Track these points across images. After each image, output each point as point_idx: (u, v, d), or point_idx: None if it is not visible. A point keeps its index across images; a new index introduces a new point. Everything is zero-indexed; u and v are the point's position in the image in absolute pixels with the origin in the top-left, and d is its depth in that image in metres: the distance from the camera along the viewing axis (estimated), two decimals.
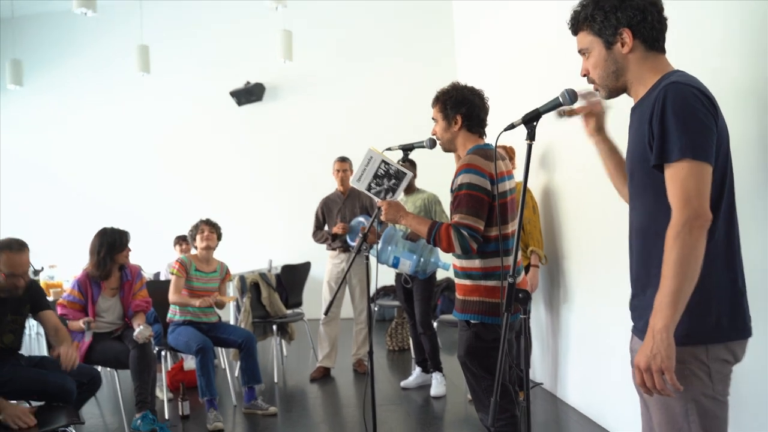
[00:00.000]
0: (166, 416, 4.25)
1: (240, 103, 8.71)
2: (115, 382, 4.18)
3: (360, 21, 8.66)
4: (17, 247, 3.14)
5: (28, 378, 3.17)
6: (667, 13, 1.70)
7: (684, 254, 1.45)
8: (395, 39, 8.57)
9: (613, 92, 1.75)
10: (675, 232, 1.47)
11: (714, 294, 1.55)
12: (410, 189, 4.72)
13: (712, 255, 1.52)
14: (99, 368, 4.00)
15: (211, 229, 4.51)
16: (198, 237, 4.52)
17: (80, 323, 3.88)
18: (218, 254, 4.67)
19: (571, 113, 1.92)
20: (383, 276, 4.80)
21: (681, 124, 1.49)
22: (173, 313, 4.43)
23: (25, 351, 3.51)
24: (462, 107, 2.62)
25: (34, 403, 3.21)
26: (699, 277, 1.48)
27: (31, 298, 3.35)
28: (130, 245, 4.11)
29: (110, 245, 4.00)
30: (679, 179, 1.49)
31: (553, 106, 1.82)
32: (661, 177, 1.54)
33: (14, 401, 3.18)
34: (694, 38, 2.49)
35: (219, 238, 4.60)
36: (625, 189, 1.83)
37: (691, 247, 1.46)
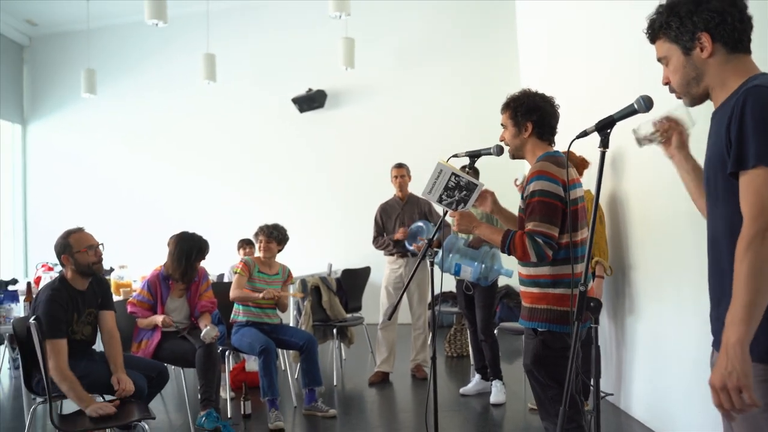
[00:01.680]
0: (229, 415, 4.35)
1: (302, 110, 8.87)
2: (181, 380, 4.31)
3: (420, 27, 8.70)
4: (77, 228, 3.40)
5: (102, 373, 3.29)
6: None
7: (757, 266, 1.39)
8: (456, 44, 8.57)
9: (696, 99, 1.69)
10: (747, 242, 1.41)
11: None
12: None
13: None
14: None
15: (268, 238, 4.56)
16: (257, 244, 4.62)
17: (156, 321, 4.02)
18: (280, 257, 4.76)
19: (652, 140, 1.86)
20: (442, 282, 4.80)
21: (760, 129, 1.43)
22: (236, 314, 4.53)
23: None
24: (533, 114, 2.60)
25: (108, 397, 3.34)
26: None
27: (102, 294, 3.48)
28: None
29: (196, 251, 4.19)
30: (754, 187, 1.43)
31: (628, 113, 1.79)
32: (738, 185, 1.48)
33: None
34: None
35: (282, 242, 4.63)
36: (700, 201, 1.78)
37: (764, 258, 1.39)
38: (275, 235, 4.59)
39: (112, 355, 3.35)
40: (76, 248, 3.27)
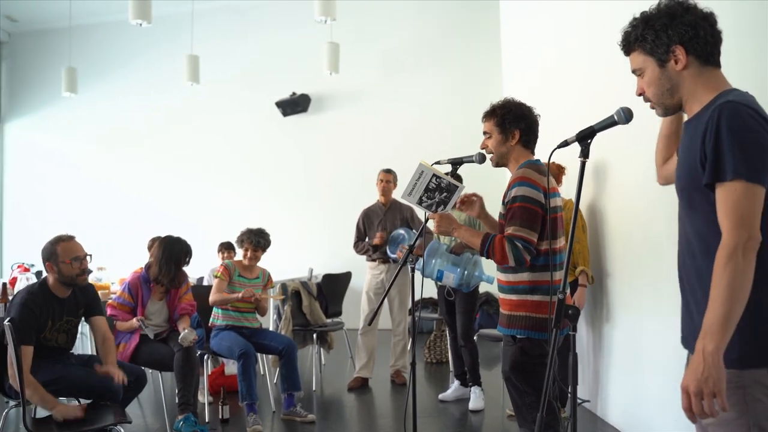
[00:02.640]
0: (207, 419, 4.32)
1: (285, 113, 8.86)
2: (158, 383, 4.27)
3: (405, 33, 8.73)
4: (67, 237, 3.34)
5: (77, 376, 3.26)
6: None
7: (736, 277, 1.44)
8: (440, 52, 8.62)
9: (669, 109, 1.73)
10: (727, 254, 1.46)
11: (766, 315, 1.52)
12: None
13: (764, 276, 1.50)
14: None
15: (255, 248, 4.53)
16: (242, 251, 4.59)
17: (133, 322, 3.99)
18: (261, 261, 4.74)
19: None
20: (422, 288, 4.82)
21: (736, 144, 1.48)
22: (215, 317, 4.50)
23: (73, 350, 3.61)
24: (521, 122, 2.63)
25: (83, 401, 3.30)
26: (757, 299, 1.46)
27: (87, 301, 3.44)
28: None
29: (185, 255, 4.17)
30: (732, 200, 1.48)
31: (608, 124, 1.82)
32: (712, 196, 1.53)
33: (64, 398, 3.30)
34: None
35: (265, 249, 4.63)
36: (662, 168, 1.92)
37: (744, 269, 1.44)
38: (262, 244, 4.57)
39: (105, 353, 3.38)
40: (61, 258, 3.21)
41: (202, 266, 6.53)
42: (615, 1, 3.65)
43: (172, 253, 4.12)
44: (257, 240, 4.53)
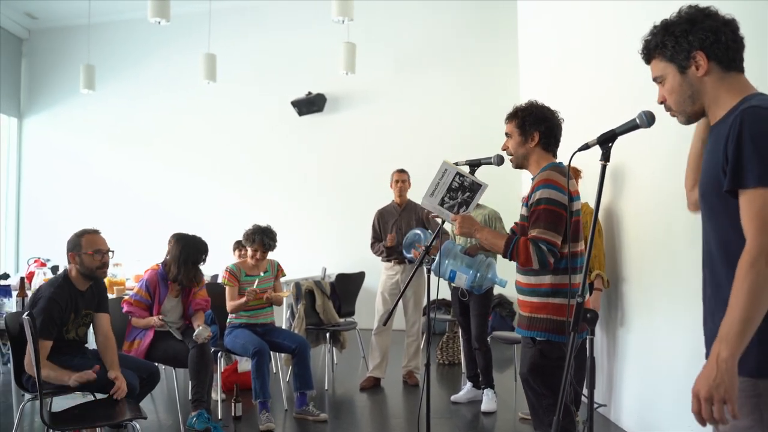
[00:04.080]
0: (219, 416, 4.34)
1: (301, 113, 8.88)
2: (172, 380, 4.30)
3: (421, 33, 8.73)
4: (93, 230, 3.41)
5: None
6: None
7: (758, 284, 1.42)
8: (456, 51, 8.60)
9: (692, 117, 1.72)
10: (751, 260, 1.44)
11: None
12: None
13: None
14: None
15: (263, 249, 4.53)
16: (249, 249, 4.59)
17: (154, 321, 4.02)
18: (275, 259, 4.76)
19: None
20: (438, 289, 4.82)
21: (759, 150, 1.46)
22: (230, 317, 4.53)
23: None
24: (541, 125, 2.62)
25: (98, 396, 3.33)
26: None
27: (99, 296, 3.47)
28: None
29: (202, 254, 4.20)
30: (756, 207, 1.46)
31: (630, 127, 1.81)
32: (734, 203, 1.51)
33: (80, 392, 3.33)
34: None
35: (273, 248, 4.62)
36: (692, 192, 1.86)
37: (766, 276, 1.42)
38: (271, 247, 4.58)
39: (107, 357, 3.34)
40: (85, 249, 3.29)
41: (217, 264, 6.57)
42: (637, 1, 3.63)
43: (189, 252, 4.15)
44: (268, 242, 4.53)
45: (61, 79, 9.94)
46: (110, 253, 3.40)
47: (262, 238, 4.52)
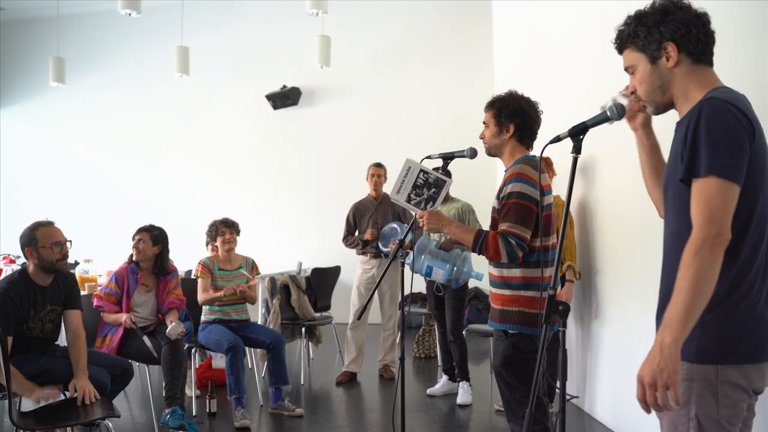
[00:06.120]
0: (194, 413, 4.31)
1: (276, 106, 8.80)
2: (145, 376, 4.25)
3: (397, 27, 8.70)
4: (46, 222, 3.30)
5: (63, 369, 3.21)
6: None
7: (702, 272, 1.44)
8: (433, 46, 8.59)
9: (661, 107, 1.73)
10: (695, 248, 1.46)
11: (732, 315, 1.53)
12: (444, 198, 4.73)
13: (735, 276, 1.52)
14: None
15: (231, 230, 4.54)
16: (219, 239, 4.56)
17: (121, 318, 3.96)
18: (250, 254, 4.73)
19: (625, 95, 1.85)
20: (412, 283, 4.83)
21: (711, 140, 1.48)
22: (204, 312, 4.48)
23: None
24: (517, 117, 2.62)
25: (69, 394, 3.27)
26: (718, 296, 1.48)
27: (68, 290, 3.38)
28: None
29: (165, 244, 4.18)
30: (704, 196, 1.48)
31: (600, 120, 1.81)
32: (687, 193, 1.53)
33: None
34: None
35: (238, 230, 4.65)
36: (655, 191, 1.86)
37: (710, 265, 1.44)
38: (235, 226, 4.60)
39: (75, 356, 3.24)
40: (41, 243, 3.17)
41: (192, 259, 6.50)
42: None
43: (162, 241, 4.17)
44: (231, 222, 4.59)
45: (30, 72, 9.72)
46: (68, 243, 3.29)
47: (224, 221, 4.58)
